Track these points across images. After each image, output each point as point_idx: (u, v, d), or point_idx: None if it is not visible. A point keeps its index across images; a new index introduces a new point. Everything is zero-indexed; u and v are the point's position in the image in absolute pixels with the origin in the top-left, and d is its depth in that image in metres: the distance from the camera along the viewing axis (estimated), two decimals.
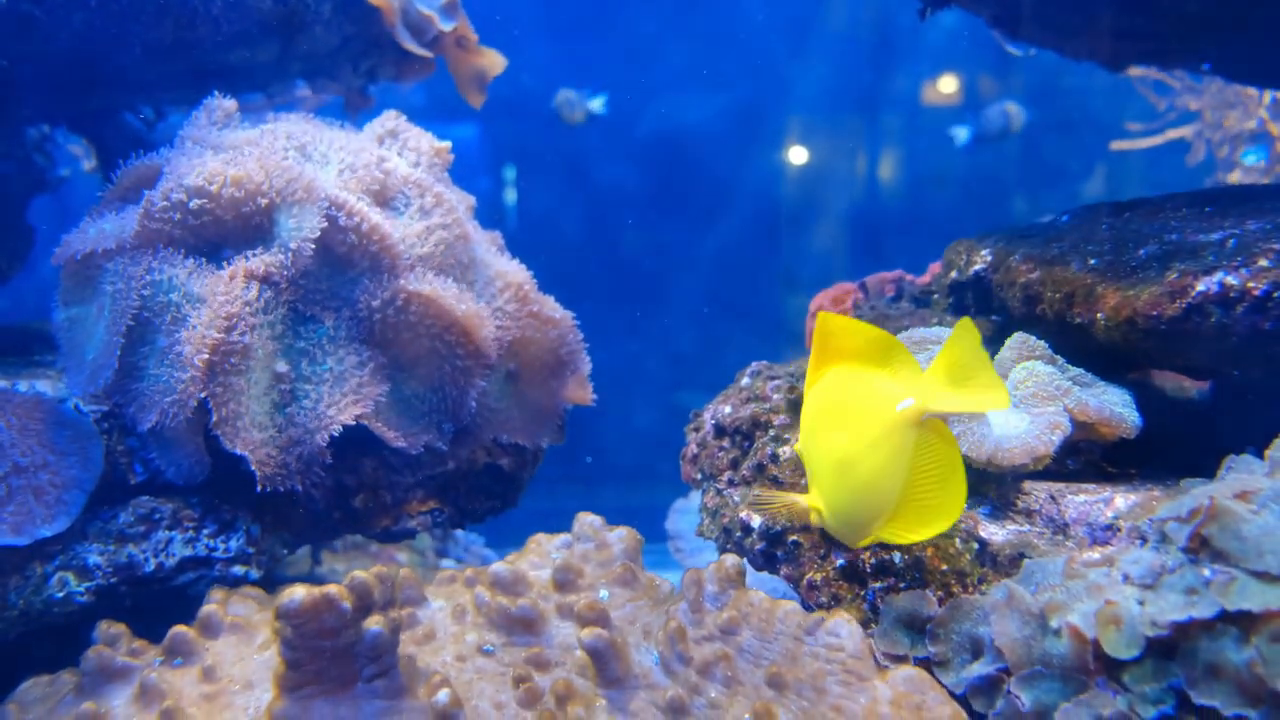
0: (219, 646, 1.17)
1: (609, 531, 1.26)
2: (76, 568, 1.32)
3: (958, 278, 1.65)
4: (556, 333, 1.66)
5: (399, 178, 1.56)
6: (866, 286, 2.11)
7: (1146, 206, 1.50)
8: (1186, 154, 3.59)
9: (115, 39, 1.71)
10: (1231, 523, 0.92)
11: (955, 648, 1.06)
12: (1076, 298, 1.28)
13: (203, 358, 1.27)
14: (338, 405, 1.39)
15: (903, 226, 4.85)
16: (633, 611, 1.14)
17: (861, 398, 1.02)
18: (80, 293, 1.44)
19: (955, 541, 1.15)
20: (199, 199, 1.37)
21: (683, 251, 4.94)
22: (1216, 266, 1.14)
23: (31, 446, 1.32)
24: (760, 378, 1.59)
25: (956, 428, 1.17)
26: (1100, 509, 1.13)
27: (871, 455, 1.00)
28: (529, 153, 4.89)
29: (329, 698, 0.97)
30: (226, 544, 1.41)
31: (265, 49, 1.94)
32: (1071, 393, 1.21)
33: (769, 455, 1.39)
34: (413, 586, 1.22)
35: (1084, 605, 0.97)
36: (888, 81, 4.94)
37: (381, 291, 1.43)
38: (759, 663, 1.04)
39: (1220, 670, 0.87)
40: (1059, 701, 0.94)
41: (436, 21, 2.13)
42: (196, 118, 1.57)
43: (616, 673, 1.04)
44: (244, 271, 1.33)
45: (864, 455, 1.00)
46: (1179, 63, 2.31)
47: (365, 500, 1.55)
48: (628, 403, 4.57)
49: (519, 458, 1.74)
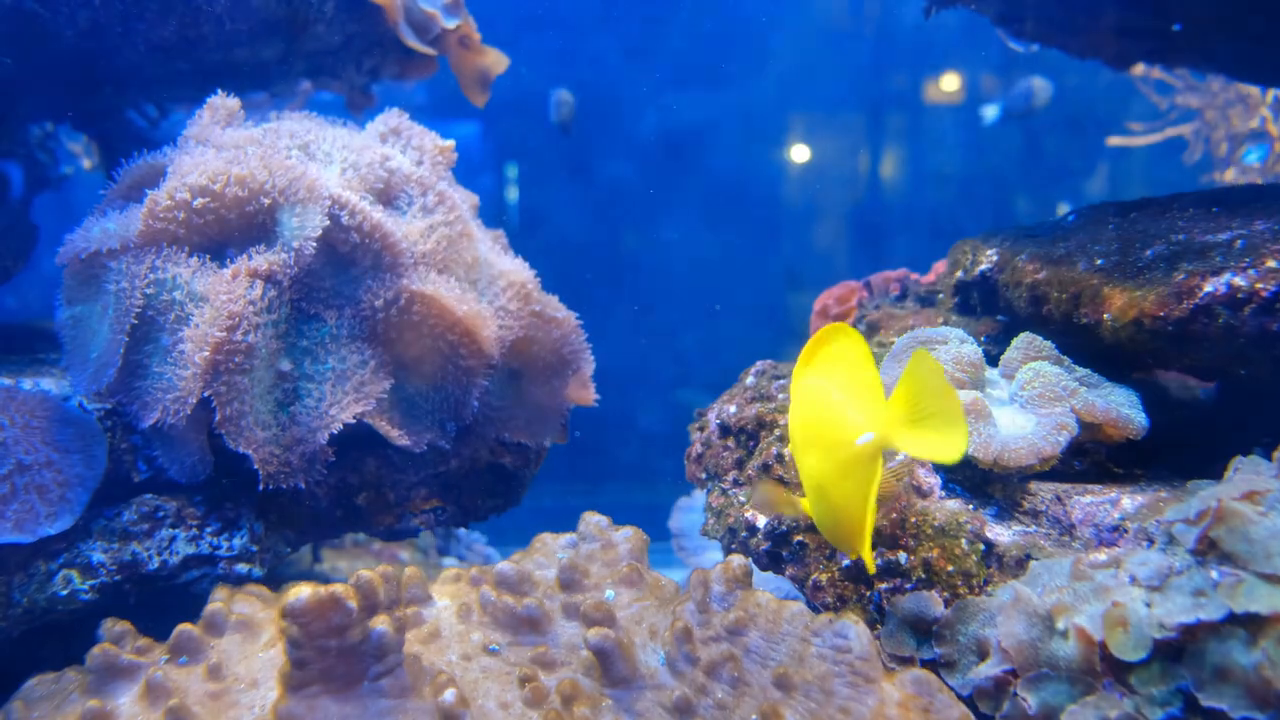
0: (224, 645, 1.16)
1: (615, 531, 1.25)
2: (81, 565, 1.32)
3: (963, 277, 1.65)
4: (559, 332, 1.65)
5: (402, 176, 1.55)
6: (871, 285, 2.11)
7: (1153, 206, 1.50)
8: (1183, 154, 3.59)
9: (119, 37, 1.71)
10: (1239, 524, 0.91)
11: (961, 649, 1.05)
12: (1083, 298, 1.28)
13: (204, 356, 1.27)
14: (340, 404, 1.39)
15: (905, 225, 4.85)
16: (639, 612, 1.14)
17: (830, 423, 1.01)
18: (84, 291, 1.44)
19: (961, 542, 1.15)
20: (202, 198, 1.36)
21: (685, 250, 4.94)
22: (1224, 267, 1.14)
23: (35, 444, 1.32)
24: (765, 377, 1.58)
25: None
26: (1107, 510, 1.12)
27: (841, 481, 1.00)
28: (531, 151, 4.89)
29: (334, 696, 0.97)
30: (230, 542, 1.41)
31: (269, 47, 1.94)
32: (1078, 393, 1.21)
33: (774, 455, 1.38)
34: (418, 585, 1.22)
35: (1091, 607, 0.96)
36: (891, 79, 4.93)
37: (384, 290, 1.43)
38: (766, 664, 1.04)
39: (1228, 672, 0.86)
40: (1066, 703, 0.93)
41: (439, 19, 2.12)
42: (200, 116, 1.57)
43: (622, 673, 1.03)
44: (247, 270, 1.33)
45: (834, 480, 1.00)
46: (1183, 61, 2.30)
47: (368, 498, 1.55)
48: (630, 401, 4.57)
49: (522, 456, 1.74)
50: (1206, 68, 2.40)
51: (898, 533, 1.19)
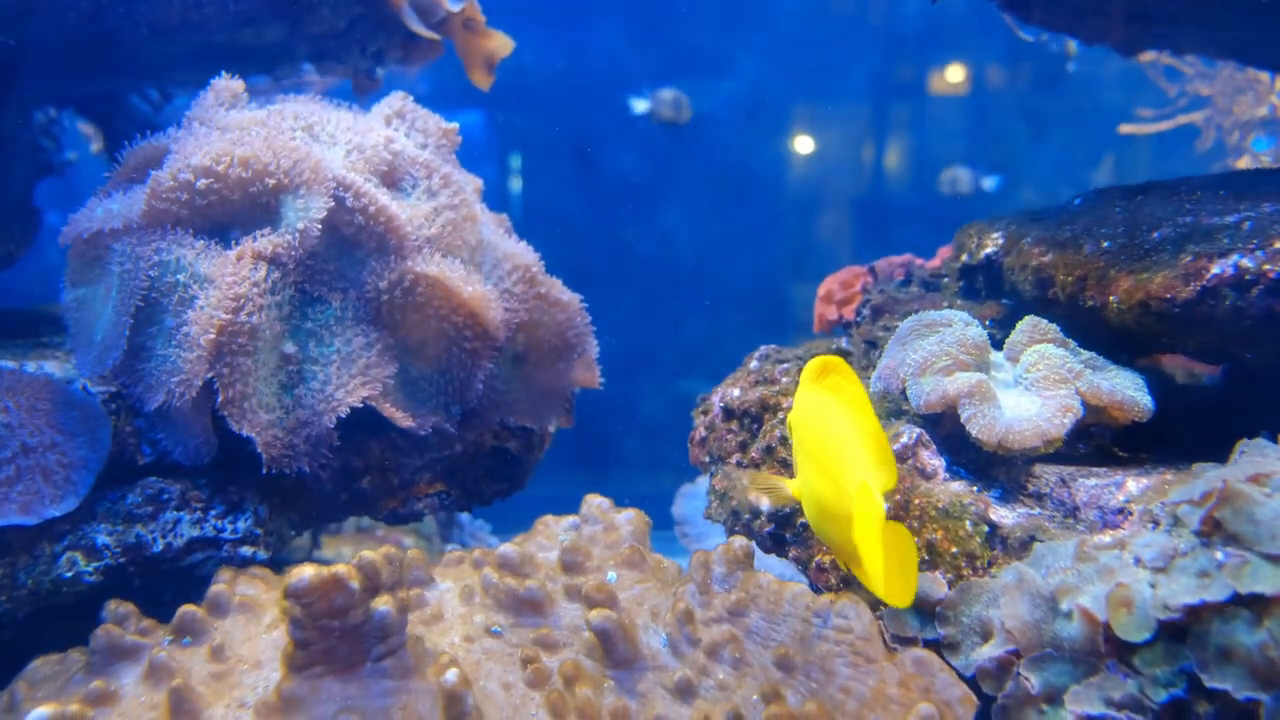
0: (227, 626, 1.17)
1: (617, 514, 1.25)
2: (85, 548, 1.32)
3: (969, 261, 1.64)
4: (564, 315, 1.65)
5: (407, 159, 1.55)
6: (875, 270, 2.10)
7: (1161, 190, 1.49)
8: (1196, 140, 3.56)
9: (123, 19, 1.70)
10: (1245, 506, 0.91)
11: (965, 630, 1.05)
12: (1089, 281, 1.27)
13: (209, 338, 1.27)
14: (345, 387, 1.39)
15: (908, 213, 4.83)
16: (640, 593, 1.14)
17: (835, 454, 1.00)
18: (87, 273, 1.44)
19: (965, 524, 1.14)
20: (206, 179, 1.36)
21: (689, 238, 4.93)
22: (1232, 249, 1.13)
23: (40, 427, 1.32)
24: (769, 361, 1.58)
25: (968, 410, 1.17)
26: (1111, 492, 1.12)
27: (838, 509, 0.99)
28: (535, 139, 4.88)
29: (337, 677, 0.97)
30: (234, 525, 1.41)
31: (272, 30, 1.93)
32: (1084, 376, 1.20)
33: (778, 438, 1.38)
34: (420, 567, 1.22)
35: (1095, 588, 0.96)
36: (895, 68, 4.91)
37: (389, 273, 1.43)
38: (767, 644, 1.04)
39: (1232, 653, 0.86)
40: (1069, 684, 0.93)
41: (444, 3, 2.11)
42: (203, 98, 1.56)
43: (624, 654, 1.03)
44: (251, 252, 1.33)
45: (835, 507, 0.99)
46: (1192, 47, 2.29)
47: (373, 482, 1.55)
48: (634, 389, 4.57)
49: (526, 440, 1.74)
50: (1215, 53, 2.38)
51: (901, 514, 1.19)
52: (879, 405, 1.35)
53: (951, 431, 1.23)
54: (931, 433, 1.26)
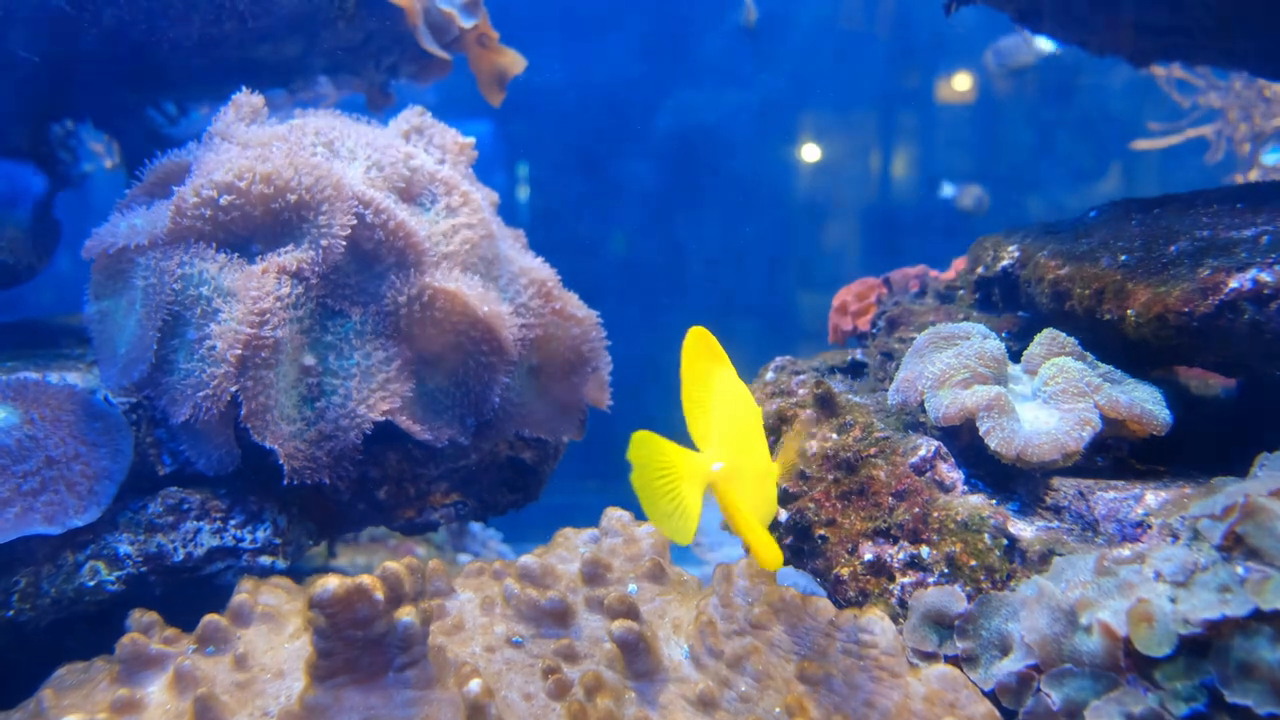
0: (250, 635, 1.18)
1: (637, 527, 1.26)
2: (107, 557, 1.33)
3: (984, 273, 1.65)
4: (579, 330, 1.66)
5: (425, 174, 1.56)
6: (890, 282, 2.11)
7: (1177, 203, 1.49)
8: (1206, 152, 3.56)
9: (143, 35, 1.72)
10: (1267, 520, 0.91)
11: (984, 645, 1.05)
12: (1106, 294, 1.28)
13: (235, 353, 1.28)
14: (367, 402, 1.40)
15: (918, 224, 4.84)
16: (661, 606, 1.14)
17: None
18: (111, 286, 1.46)
19: (984, 537, 1.15)
20: (229, 195, 1.38)
21: (699, 249, 4.94)
22: (1250, 263, 1.14)
23: (64, 438, 1.33)
24: (785, 372, 1.59)
25: (987, 422, 1.17)
26: (1130, 506, 1.12)
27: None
28: (543, 150, 4.90)
29: (360, 687, 0.98)
30: (254, 534, 1.42)
31: (290, 44, 1.95)
32: (1102, 389, 1.21)
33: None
34: (441, 578, 1.23)
35: (1116, 602, 0.96)
36: (904, 78, 4.93)
37: (407, 287, 1.44)
38: (790, 658, 1.04)
39: (1254, 669, 0.86)
40: (1090, 699, 0.93)
41: (457, 19, 2.14)
42: (224, 113, 1.58)
43: (646, 665, 1.04)
44: (277, 267, 1.34)
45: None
46: (1204, 59, 2.29)
47: (390, 492, 1.56)
48: (644, 400, 4.56)
49: (541, 452, 1.74)
50: (1228, 65, 2.38)
51: (920, 527, 1.19)
52: (896, 418, 1.36)
53: (970, 444, 1.24)
54: (950, 445, 1.26)
